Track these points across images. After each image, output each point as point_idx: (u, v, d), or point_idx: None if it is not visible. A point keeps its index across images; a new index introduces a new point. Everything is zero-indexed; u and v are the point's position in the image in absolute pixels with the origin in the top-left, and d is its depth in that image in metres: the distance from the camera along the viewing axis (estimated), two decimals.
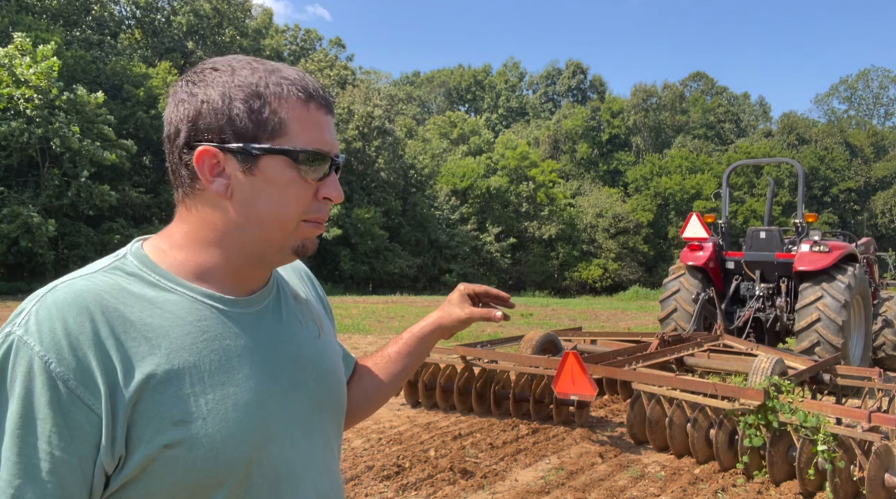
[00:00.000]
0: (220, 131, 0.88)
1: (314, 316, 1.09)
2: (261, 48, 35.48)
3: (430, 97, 65.58)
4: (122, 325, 0.83)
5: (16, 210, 20.53)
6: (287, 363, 0.97)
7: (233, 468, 0.87)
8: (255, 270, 0.98)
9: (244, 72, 0.90)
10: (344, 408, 1.10)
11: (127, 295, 0.86)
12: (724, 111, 62.45)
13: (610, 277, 41.03)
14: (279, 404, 0.94)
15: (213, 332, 0.90)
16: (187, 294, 0.90)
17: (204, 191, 0.91)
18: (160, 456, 0.82)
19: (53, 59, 21.17)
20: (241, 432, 0.87)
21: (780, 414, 4.50)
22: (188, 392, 0.84)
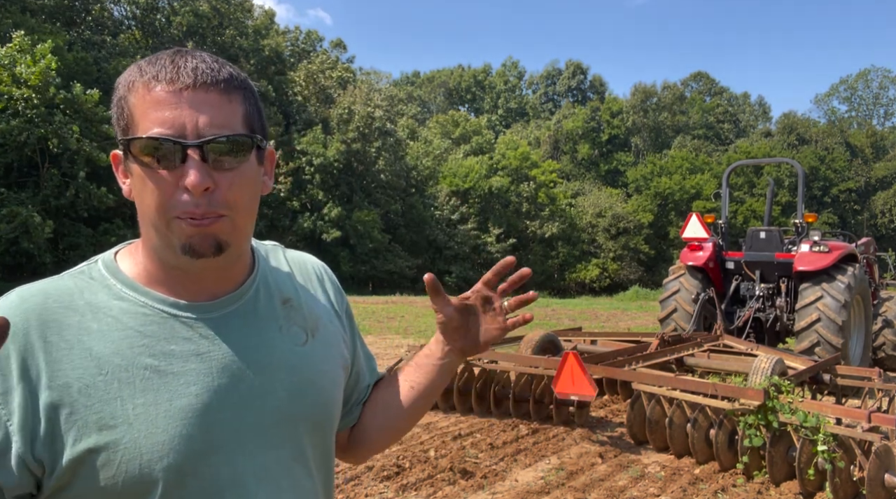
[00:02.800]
0: (118, 134, 0.88)
1: (305, 322, 1.02)
2: (261, 48, 35.47)
3: (430, 97, 65.60)
4: (57, 330, 0.84)
5: (15, 210, 20.53)
6: (250, 371, 0.92)
7: (161, 476, 0.83)
8: (194, 274, 0.91)
9: (130, 67, 0.88)
10: (329, 419, 1.03)
11: (77, 300, 0.87)
12: (724, 111, 62.48)
13: (610, 277, 41.04)
14: (231, 413, 0.89)
15: (155, 337, 0.88)
16: (138, 299, 0.89)
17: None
18: (86, 460, 0.81)
19: (50, 58, 21.17)
20: (171, 440, 0.84)
21: (780, 414, 4.50)
22: (115, 396, 0.83)
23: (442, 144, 43.03)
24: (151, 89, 0.83)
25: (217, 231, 0.86)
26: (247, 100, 0.89)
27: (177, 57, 0.85)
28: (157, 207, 0.84)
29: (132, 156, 0.84)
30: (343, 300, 1.15)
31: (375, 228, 32.65)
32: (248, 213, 0.90)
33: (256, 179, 0.92)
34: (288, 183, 31.57)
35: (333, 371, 1.04)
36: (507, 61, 68.63)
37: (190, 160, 0.82)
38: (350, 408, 1.18)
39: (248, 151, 0.88)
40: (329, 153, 32.64)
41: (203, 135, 0.83)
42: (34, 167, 22.91)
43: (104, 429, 0.82)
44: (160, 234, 0.86)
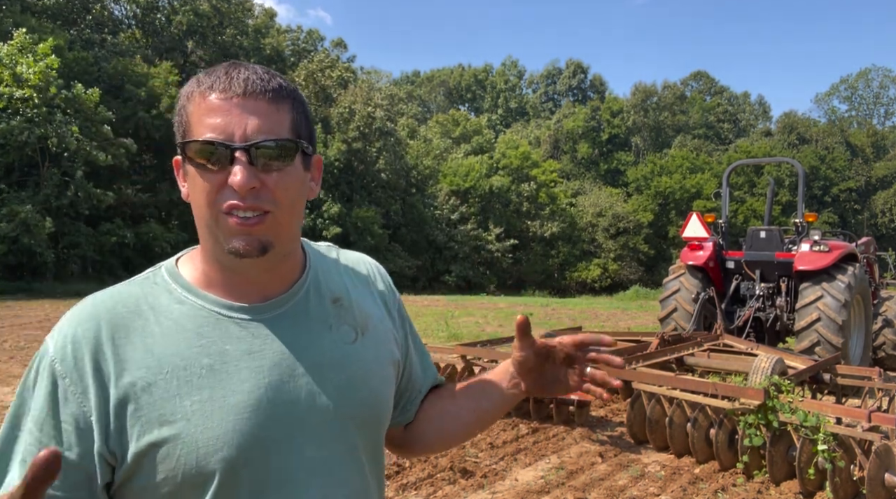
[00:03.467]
0: (178, 139, 0.95)
1: (355, 321, 1.05)
2: (261, 48, 35.45)
3: (430, 97, 65.59)
4: (124, 333, 0.92)
5: (15, 209, 20.53)
6: (300, 369, 0.96)
7: (217, 468, 0.89)
8: (246, 276, 0.96)
9: (190, 79, 0.96)
10: (379, 416, 1.05)
11: (141, 305, 0.95)
12: (724, 111, 62.47)
13: (610, 276, 41.02)
14: (282, 409, 0.94)
15: (210, 338, 0.94)
16: (196, 303, 0.96)
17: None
18: (149, 453, 0.88)
19: (53, 58, 21.17)
20: (225, 434, 0.89)
21: (780, 414, 4.50)
22: (175, 394, 0.89)
23: (442, 144, 43.01)
24: (206, 98, 0.90)
25: (261, 232, 0.91)
26: (294, 108, 0.95)
27: (231, 69, 0.92)
28: (206, 203, 0.91)
29: (187, 158, 0.92)
30: (395, 299, 1.18)
31: (375, 224, 32.65)
32: (292, 212, 0.95)
33: (302, 183, 0.97)
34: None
35: (383, 369, 1.07)
36: (506, 60, 68.68)
37: (237, 162, 0.88)
38: (403, 406, 1.20)
39: (293, 155, 0.93)
40: (330, 153, 32.64)
41: (250, 139, 0.89)
42: (34, 167, 22.90)
43: (165, 424, 0.88)
44: (211, 232, 0.93)
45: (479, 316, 17.26)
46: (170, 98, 27.41)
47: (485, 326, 14.76)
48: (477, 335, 12.24)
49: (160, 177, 29.03)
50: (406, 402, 1.20)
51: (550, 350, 1.11)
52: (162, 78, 28.05)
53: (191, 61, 34.01)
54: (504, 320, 16.22)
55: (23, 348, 9.81)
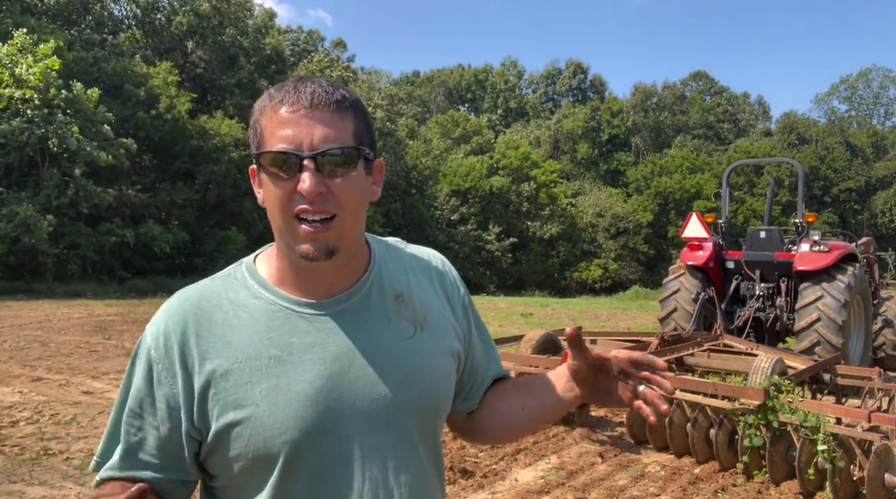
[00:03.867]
0: (253, 150, 1.05)
1: (415, 315, 1.12)
2: (262, 48, 35.42)
3: (430, 97, 65.58)
4: (207, 325, 1.03)
5: (14, 209, 20.52)
6: (359, 361, 1.04)
7: (281, 450, 0.99)
8: (314, 274, 1.05)
9: (263, 94, 1.04)
10: (435, 407, 1.11)
11: (222, 299, 1.06)
12: (724, 111, 62.46)
13: (610, 276, 41.01)
14: (341, 398, 1.02)
15: (280, 330, 1.03)
16: (269, 298, 1.06)
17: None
18: (226, 432, 1.00)
19: (54, 58, 21.16)
20: (289, 419, 0.99)
21: (780, 414, 4.50)
22: (247, 381, 1.00)
23: (442, 144, 43.00)
24: (277, 112, 0.99)
25: (327, 237, 0.99)
26: (357, 117, 1.02)
27: (299, 83, 1.01)
28: (279, 208, 0.99)
29: (262, 167, 1.01)
30: (459, 293, 1.23)
31: (375, 224, 32.64)
32: (356, 215, 1.03)
33: (365, 186, 1.05)
34: None
35: (441, 362, 1.13)
36: (506, 61, 68.68)
37: (306, 170, 0.96)
38: (465, 395, 1.26)
39: (356, 161, 1.01)
40: None
41: (317, 148, 0.97)
42: (34, 167, 22.89)
43: (238, 408, 0.99)
44: (284, 236, 1.02)
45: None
46: (169, 98, 27.39)
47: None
48: None
49: (160, 177, 29.00)
50: (468, 391, 1.26)
51: (604, 363, 1.13)
52: (161, 78, 28.03)
53: (191, 61, 33.99)
54: (504, 320, 16.21)
55: (23, 349, 9.80)
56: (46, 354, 9.39)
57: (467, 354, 1.23)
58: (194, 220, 28.80)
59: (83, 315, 14.85)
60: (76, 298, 19.74)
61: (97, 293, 21.66)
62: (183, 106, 27.74)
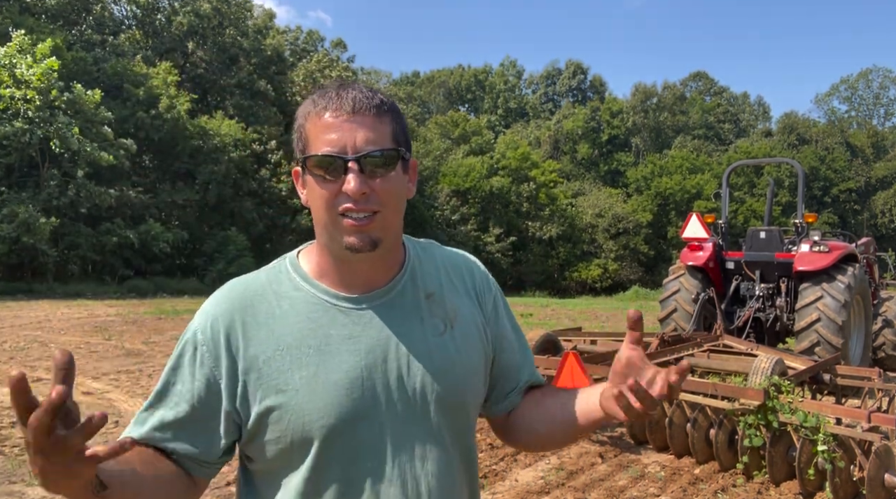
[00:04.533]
0: (298, 154, 1.10)
1: (446, 314, 1.17)
2: (262, 49, 35.41)
3: (430, 97, 65.57)
4: (252, 314, 1.10)
5: (15, 210, 20.52)
6: (392, 355, 1.10)
7: (317, 434, 1.05)
8: (354, 268, 1.11)
9: (306, 100, 1.10)
10: (462, 403, 1.15)
11: (266, 291, 1.13)
12: (724, 111, 62.45)
13: (610, 277, 41.00)
14: (375, 389, 1.08)
15: (319, 322, 1.10)
16: (309, 291, 1.12)
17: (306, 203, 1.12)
18: (267, 415, 1.06)
19: (53, 59, 21.15)
20: (326, 406, 1.05)
21: (780, 414, 4.50)
22: (287, 368, 1.06)
23: (442, 145, 43.01)
24: (321, 117, 1.05)
25: (371, 230, 1.05)
26: (394, 120, 1.09)
27: (340, 90, 1.06)
28: (325, 208, 1.05)
29: (308, 170, 1.07)
30: (490, 295, 1.28)
31: None
32: (396, 212, 1.10)
33: (403, 185, 1.11)
34: (289, 182, 31.54)
35: (470, 360, 1.17)
36: (505, 61, 68.64)
37: (350, 171, 1.03)
38: (497, 396, 1.29)
39: (395, 162, 1.08)
40: None
41: (360, 151, 1.03)
42: (34, 167, 22.90)
43: (279, 392, 1.06)
44: (328, 231, 1.07)
45: None
46: (168, 98, 27.38)
47: None
48: None
49: (160, 177, 29.00)
50: (500, 393, 1.28)
51: (635, 363, 1.04)
52: (161, 78, 28.03)
53: (191, 62, 33.99)
54: None
55: (23, 349, 9.80)
56: (46, 355, 9.38)
57: (499, 354, 1.26)
58: (194, 220, 28.80)
59: (83, 315, 14.84)
60: (76, 299, 19.74)
61: (97, 293, 21.66)
62: (182, 106, 27.73)
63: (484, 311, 1.25)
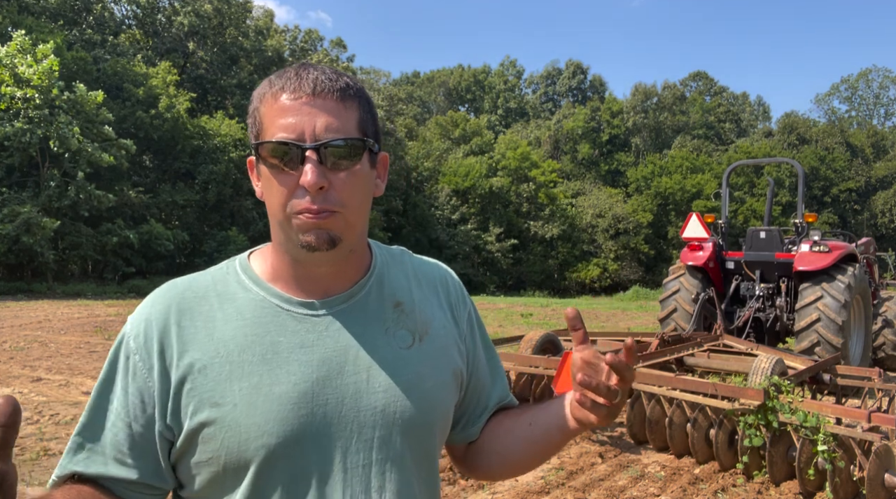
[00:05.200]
0: (251, 140, 0.98)
1: (415, 326, 1.04)
2: (262, 49, 35.44)
3: (430, 97, 65.57)
4: (189, 316, 0.97)
5: (16, 210, 20.52)
6: (349, 367, 0.97)
7: (255, 454, 0.91)
8: (311, 271, 0.99)
9: (263, 81, 0.98)
10: (428, 424, 1.02)
11: (209, 292, 1.00)
12: (725, 111, 62.43)
13: (610, 277, 41.02)
14: (326, 405, 0.95)
15: (267, 328, 0.97)
16: (258, 294, 1.00)
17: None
18: (199, 432, 0.92)
19: (52, 58, 21.16)
20: (267, 422, 0.92)
21: (780, 414, 4.50)
22: (226, 378, 0.93)
23: (442, 145, 43.03)
24: (278, 99, 0.93)
25: (330, 226, 0.93)
26: (361, 107, 0.96)
27: (300, 70, 0.95)
28: (279, 203, 0.93)
29: (261, 159, 0.94)
30: (465, 309, 1.15)
31: (376, 227, 32.66)
32: (359, 211, 0.97)
33: (369, 181, 0.99)
34: None
35: (439, 377, 1.04)
36: (505, 61, 68.61)
37: (308, 162, 0.90)
38: (466, 422, 1.16)
39: (360, 153, 0.95)
40: None
41: (320, 139, 0.91)
42: (35, 167, 22.90)
43: (214, 406, 0.92)
44: (283, 228, 0.95)
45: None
46: (168, 98, 27.38)
47: (485, 326, 14.74)
48: None
49: (160, 177, 29.01)
50: (469, 417, 1.16)
51: (592, 361, 1.00)
52: (160, 78, 28.04)
53: (192, 62, 33.98)
54: (504, 320, 16.21)
55: (22, 349, 9.80)
56: (46, 355, 9.39)
57: (470, 375, 1.13)
58: (194, 220, 28.81)
59: (83, 315, 14.84)
60: (76, 298, 19.74)
61: (97, 293, 21.66)
62: (182, 106, 27.74)
63: (459, 326, 1.12)
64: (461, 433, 1.16)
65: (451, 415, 1.09)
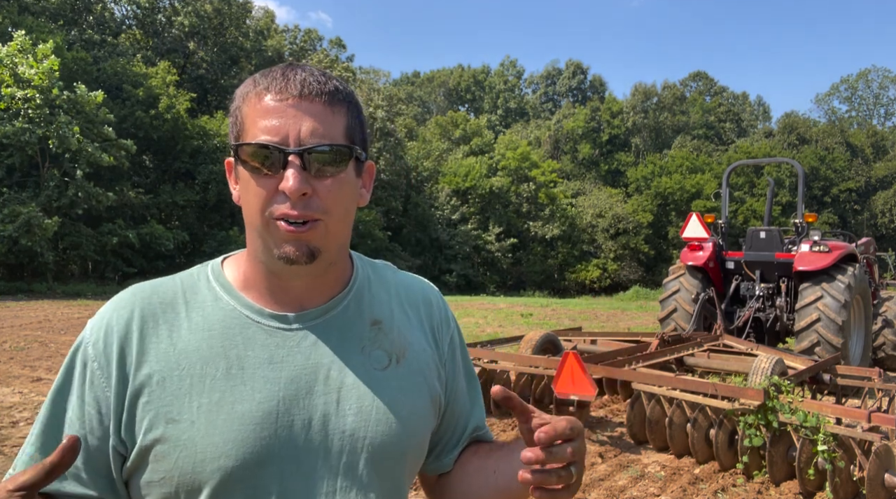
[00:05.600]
0: (231, 140, 0.93)
1: (392, 346, 0.98)
2: (263, 49, 35.46)
3: (430, 97, 65.58)
4: (153, 324, 0.91)
5: (16, 210, 20.52)
6: (319, 387, 0.91)
7: (210, 477, 0.85)
8: (286, 283, 0.94)
9: (247, 79, 0.93)
10: (400, 451, 0.95)
11: (178, 299, 0.94)
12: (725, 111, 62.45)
13: (610, 277, 41.03)
14: (292, 427, 0.89)
15: (233, 340, 0.91)
16: (228, 303, 0.94)
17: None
18: (152, 449, 0.86)
19: (53, 58, 21.16)
20: (225, 443, 0.86)
21: (780, 414, 4.50)
22: (186, 393, 0.87)
23: (441, 146, 43.05)
24: (262, 99, 0.88)
25: (310, 238, 0.88)
26: (350, 113, 0.91)
27: (287, 70, 0.90)
28: (257, 208, 0.88)
29: (241, 161, 0.89)
30: (447, 332, 1.09)
31: (376, 227, 32.67)
32: (342, 221, 0.91)
33: (353, 190, 0.93)
34: None
35: (415, 401, 0.98)
36: (505, 61, 68.62)
37: (290, 167, 0.85)
38: (440, 451, 1.09)
39: (346, 161, 0.90)
40: None
41: (304, 143, 0.86)
42: (35, 167, 22.90)
43: (170, 422, 0.86)
44: (260, 236, 0.89)
45: (479, 317, 17.26)
46: (168, 98, 27.39)
47: (485, 326, 14.76)
48: (476, 336, 12.25)
49: (160, 178, 29.02)
50: (444, 446, 1.09)
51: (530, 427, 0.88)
52: (160, 78, 28.04)
53: (192, 62, 33.99)
54: (504, 321, 16.21)
55: (22, 349, 9.80)
56: (46, 355, 9.39)
57: (448, 402, 1.07)
58: (195, 220, 28.83)
59: (83, 315, 14.84)
60: (76, 299, 19.74)
61: (97, 293, 21.67)
62: (182, 106, 27.75)
63: (440, 349, 1.05)
64: (434, 463, 1.09)
65: (426, 443, 1.02)
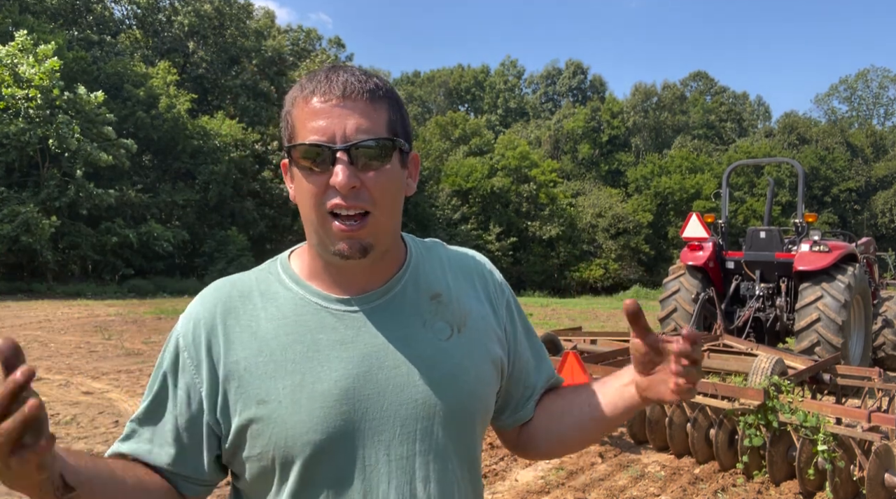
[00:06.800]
0: (285, 143, 1.00)
1: (453, 317, 1.06)
2: (263, 49, 35.43)
3: (430, 97, 65.56)
4: (235, 315, 1.01)
5: (16, 209, 20.52)
6: (389, 362, 0.99)
7: (301, 451, 0.95)
8: (346, 271, 1.02)
9: (294, 85, 1.01)
10: (470, 414, 1.04)
11: (253, 291, 1.04)
12: (725, 111, 62.44)
13: (610, 276, 41.00)
14: (368, 400, 0.97)
15: (307, 326, 1.00)
16: (299, 292, 1.03)
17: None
18: (247, 428, 0.96)
19: (54, 59, 21.16)
20: (311, 419, 0.95)
21: (780, 414, 4.50)
22: (271, 376, 0.97)
23: (442, 145, 43.05)
24: (309, 102, 0.95)
25: (362, 236, 0.96)
26: (391, 108, 0.98)
27: (330, 72, 0.97)
28: (312, 204, 0.95)
29: (293, 161, 0.97)
30: (503, 297, 1.17)
31: None
32: (391, 211, 0.99)
33: (400, 180, 1.00)
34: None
35: (479, 367, 1.06)
36: (505, 60, 68.58)
37: (339, 162, 0.92)
38: (515, 406, 1.18)
39: (390, 153, 0.97)
40: None
41: (350, 139, 0.93)
42: (34, 167, 22.90)
43: (261, 403, 0.96)
44: (317, 232, 0.98)
45: None
46: (168, 98, 27.38)
47: None
48: None
49: (160, 177, 29.01)
50: (517, 402, 1.18)
51: (660, 347, 0.99)
52: (160, 78, 28.04)
53: (192, 62, 33.98)
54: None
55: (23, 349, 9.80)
56: (46, 355, 9.39)
57: (513, 362, 1.15)
58: (195, 220, 28.82)
59: (83, 315, 14.84)
60: (76, 298, 19.74)
61: (97, 293, 21.67)
62: (182, 105, 27.75)
63: (497, 314, 1.13)
64: (512, 417, 1.19)
65: (492, 404, 1.11)
